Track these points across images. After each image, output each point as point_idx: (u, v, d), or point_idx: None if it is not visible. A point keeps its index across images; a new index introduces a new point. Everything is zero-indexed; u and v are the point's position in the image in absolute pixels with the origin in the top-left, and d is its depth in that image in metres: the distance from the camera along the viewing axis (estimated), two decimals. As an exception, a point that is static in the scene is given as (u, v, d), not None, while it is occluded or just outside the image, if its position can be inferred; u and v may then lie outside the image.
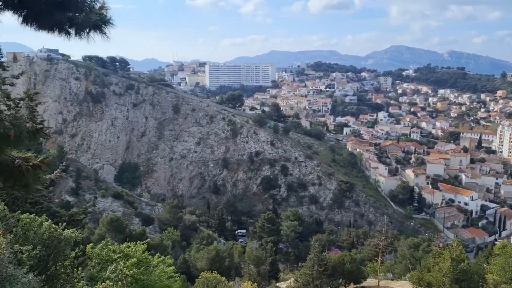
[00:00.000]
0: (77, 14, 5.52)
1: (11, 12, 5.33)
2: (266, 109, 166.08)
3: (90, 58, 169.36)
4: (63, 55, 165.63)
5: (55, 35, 5.64)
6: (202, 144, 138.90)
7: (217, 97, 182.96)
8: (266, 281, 43.20)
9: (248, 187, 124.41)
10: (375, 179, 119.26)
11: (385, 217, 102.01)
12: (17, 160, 5.59)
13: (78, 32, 5.63)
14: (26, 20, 5.42)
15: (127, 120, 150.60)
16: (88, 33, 5.60)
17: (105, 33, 5.63)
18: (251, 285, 27.74)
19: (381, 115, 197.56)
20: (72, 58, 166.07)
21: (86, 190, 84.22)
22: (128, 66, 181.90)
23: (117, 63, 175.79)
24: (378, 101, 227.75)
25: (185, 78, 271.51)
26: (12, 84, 6.49)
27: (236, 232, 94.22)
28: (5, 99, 5.82)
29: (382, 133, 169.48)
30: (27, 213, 14.00)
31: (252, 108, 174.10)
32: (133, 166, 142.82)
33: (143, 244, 22.52)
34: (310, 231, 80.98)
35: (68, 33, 5.67)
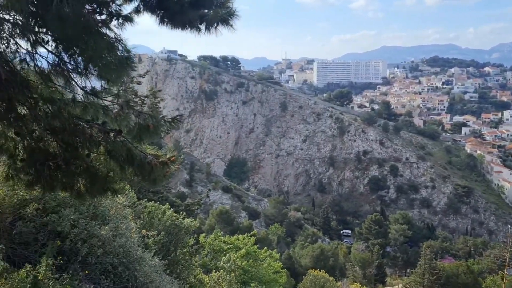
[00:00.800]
0: (206, 11, 5.80)
1: (149, 13, 5.76)
2: (376, 106, 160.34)
3: (204, 57, 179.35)
4: (181, 55, 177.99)
5: (187, 32, 5.99)
6: (308, 142, 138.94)
7: (324, 95, 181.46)
8: (372, 284, 41.82)
9: (354, 186, 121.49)
10: (498, 184, 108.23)
11: (509, 226, 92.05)
12: (148, 156, 6.05)
13: (207, 28, 5.90)
14: (162, 21, 5.82)
15: (236, 116, 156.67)
16: (216, 27, 5.84)
17: (231, 25, 5.83)
18: (360, 287, 27.08)
19: (507, 114, 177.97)
20: (188, 58, 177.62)
21: (199, 183, 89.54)
22: (239, 65, 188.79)
23: (229, 62, 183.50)
24: (504, 98, 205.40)
25: (293, 75, 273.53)
26: (138, 83, 7.07)
27: (341, 232, 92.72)
28: (133, 96, 6.32)
29: (508, 134, 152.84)
30: (151, 201, 15.25)
31: (360, 106, 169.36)
32: (241, 161, 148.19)
33: (251, 236, 23.25)
34: (420, 237, 76.65)
35: (199, 29, 5.97)
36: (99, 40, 4.39)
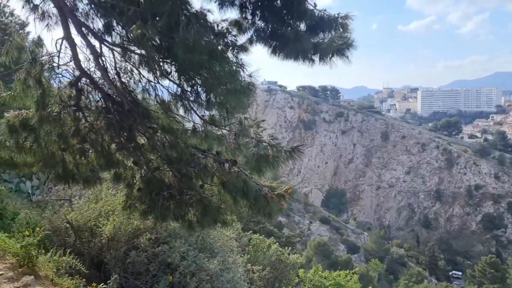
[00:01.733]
0: (321, 40, 5.37)
1: (262, 44, 5.46)
2: (489, 137, 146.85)
3: (303, 88, 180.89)
4: (280, 86, 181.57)
5: (299, 64, 5.61)
6: (412, 174, 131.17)
7: (430, 124, 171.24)
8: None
9: (465, 224, 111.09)
10: None
11: None
12: (264, 188, 5.63)
13: (322, 58, 5.46)
14: (274, 51, 5.50)
15: (335, 146, 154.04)
16: (330, 58, 5.38)
17: (347, 56, 5.34)
18: None
19: None
20: (288, 89, 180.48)
21: (296, 212, 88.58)
22: (338, 94, 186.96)
23: (328, 92, 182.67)
24: None
25: (394, 104, 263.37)
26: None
27: (450, 273, 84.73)
28: (252, 125, 5.98)
29: None
30: (255, 233, 14.93)
31: (471, 136, 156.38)
32: (339, 192, 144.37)
33: (353, 273, 21.77)
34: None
35: (312, 60, 5.56)
36: (223, 65, 4.13)
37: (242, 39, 5.17)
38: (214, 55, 4.08)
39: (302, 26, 5.41)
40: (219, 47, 4.22)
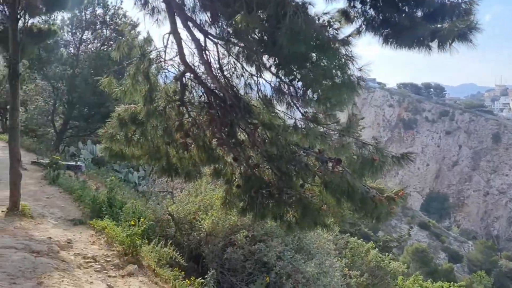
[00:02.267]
0: (439, 25, 4.80)
1: (371, 34, 5.03)
2: None
3: (404, 85, 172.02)
4: (379, 83, 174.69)
5: (414, 51, 5.09)
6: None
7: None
8: None
9: None
10: None
11: None
12: (371, 190, 5.19)
13: (441, 45, 4.89)
14: (386, 40, 5.02)
15: (438, 147, 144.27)
16: (450, 44, 4.78)
17: (470, 40, 4.70)
18: None
19: None
20: (387, 86, 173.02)
21: (393, 216, 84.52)
22: (443, 92, 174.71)
23: (431, 89, 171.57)
24: None
25: (508, 103, 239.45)
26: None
27: None
28: (357, 123, 5.55)
29: None
30: (348, 234, 14.31)
31: None
32: (441, 197, 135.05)
33: (457, 286, 20.02)
34: None
35: (429, 48, 5.01)
36: (332, 56, 3.80)
37: (347, 31, 4.81)
38: (322, 46, 3.76)
39: (419, 13, 4.91)
40: (329, 37, 3.88)
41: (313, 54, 4.14)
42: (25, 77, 22.96)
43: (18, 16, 7.38)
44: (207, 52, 5.26)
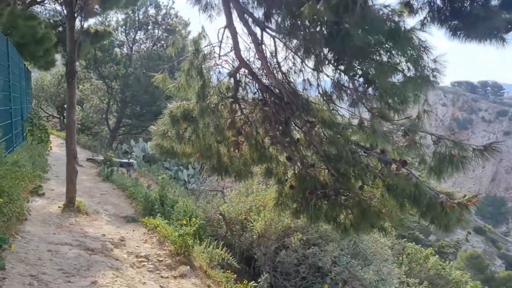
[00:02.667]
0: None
1: (437, 26, 4.61)
2: None
3: (459, 83, 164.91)
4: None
5: (485, 45, 4.65)
6: None
7: None
8: None
9: None
10: None
11: None
12: (440, 196, 4.76)
13: (517, 37, 4.40)
14: (455, 33, 4.59)
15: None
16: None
17: None
18: None
19: None
20: (440, 85, 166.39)
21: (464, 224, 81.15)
22: (502, 91, 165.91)
23: (489, 88, 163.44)
24: None
25: None
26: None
27: None
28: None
29: None
30: (405, 238, 13.66)
31: None
32: (498, 201, 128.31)
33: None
34: None
35: (503, 40, 4.53)
36: (405, 47, 3.43)
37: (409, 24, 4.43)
38: (395, 36, 3.41)
39: (494, 1, 4.47)
40: (402, 27, 3.52)
41: (381, 47, 3.80)
42: (82, 76, 23.86)
43: (75, 15, 7.47)
44: (263, 47, 5.02)
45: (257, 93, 5.75)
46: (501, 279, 47.07)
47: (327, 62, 4.72)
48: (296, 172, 5.97)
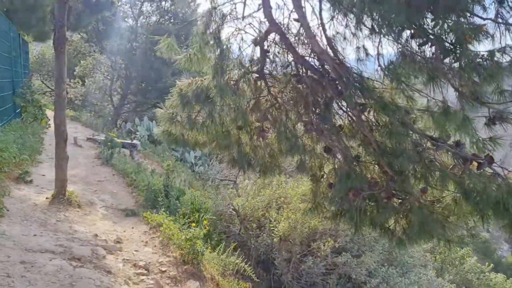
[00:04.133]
0: None
1: None
2: None
3: None
4: None
5: None
6: None
7: None
8: None
9: None
10: None
11: None
12: None
13: None
14: None
15: None
16: None
17: None
18: None
19: None
20: None
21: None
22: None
23: None
24: None
25: None
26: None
27: None
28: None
29: None
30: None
31: None
32: None
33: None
34: None
35: None
36: None
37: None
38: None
39: None
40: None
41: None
42: (83, 50, 22.57)
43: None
44: (303, 3, 3.77)
45: (289, 66, 4.51)
46: (509, 264, 46.17)
47: (387, 25, 3.46)
48: (337, 167, 4.77)
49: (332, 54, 3.83)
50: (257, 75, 4.67)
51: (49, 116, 16.37)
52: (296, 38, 4.13)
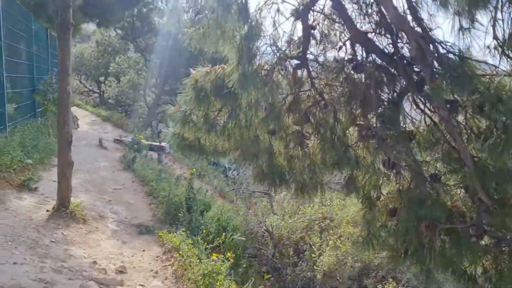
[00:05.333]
0: None
1: None
2: None
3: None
4: None
5: None
6: None
7: None
8: None
9: None
10: None
11: None
12: None
13: None
14: None
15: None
16: None
17: None
18: None
19: None
20: None
21: None
22: None
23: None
24: None
25: None
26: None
27: None
28: None
29: None
30: None
31: None
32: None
33: None
34: None
35: None
36: None
37: None
38: None
39: None
40: None
41: None
42: (118, 47, 22.07)
43: None
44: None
45: (343, 49, 3.27)
46: None
47: None
48: (403, 188, 3.49)
49: (413, 24, 2.55)
50: (298, 62, 3.46)
51: (78, 116, 15.80)
52: (356, 6, 2.88)
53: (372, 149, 3.63)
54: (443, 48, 2.49)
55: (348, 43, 3.16)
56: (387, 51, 2.93)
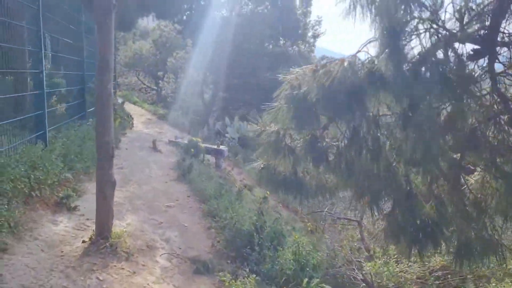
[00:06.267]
0: None
1: None
2: None
3: None
4: None
5: None
6: None
7: None
8: None
9: None
10: None
11: None
12: None
13: None
14: None
15: None
16: None
17: None
18: None
19: None
20: None
21: None
22: None
23: None
24: None
25: None
26: None
27: None
28: None
29: None
30: None
31: None
32: None
33: None
34: None
35: None
36: None
37: None
38: None
39: None
40: None
41: None
42: (175, 43, 21.24)
43: None
44: None
45: None
46: None
47: None
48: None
49: None
50: (476, 47, 1.97)
51: (133, 115, 14.97)
52: None
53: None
54: None
55: None
56: None
